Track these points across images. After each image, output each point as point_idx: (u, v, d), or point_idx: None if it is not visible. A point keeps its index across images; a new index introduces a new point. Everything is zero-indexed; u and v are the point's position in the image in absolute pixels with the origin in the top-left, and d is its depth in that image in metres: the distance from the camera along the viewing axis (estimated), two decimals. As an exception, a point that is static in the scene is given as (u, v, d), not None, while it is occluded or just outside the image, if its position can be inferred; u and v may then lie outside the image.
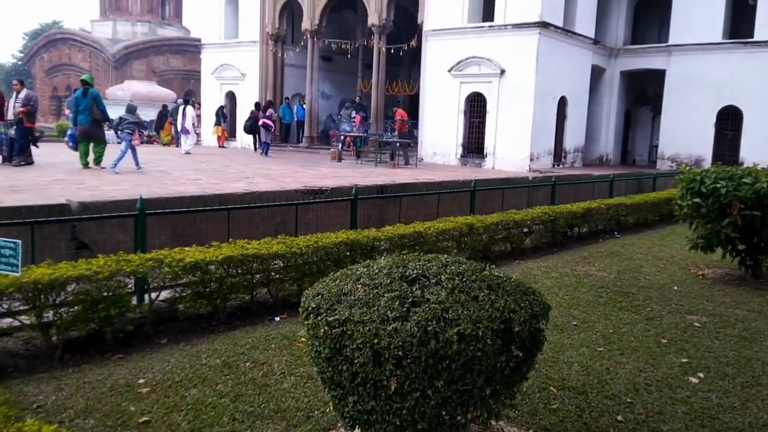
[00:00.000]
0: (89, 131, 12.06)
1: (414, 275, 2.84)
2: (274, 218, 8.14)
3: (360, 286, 2.84)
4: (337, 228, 8.22)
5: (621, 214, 11.04)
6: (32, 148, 12.41)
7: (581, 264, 7.94)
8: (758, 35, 17.93)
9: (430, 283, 2.77)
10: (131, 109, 13.52)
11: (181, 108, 18.80)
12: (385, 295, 2.70)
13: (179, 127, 18.77)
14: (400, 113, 18.97)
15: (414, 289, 2.72)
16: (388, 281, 2.80)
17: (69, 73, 35.72)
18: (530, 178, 14.19)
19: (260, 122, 19.26)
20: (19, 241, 3.59)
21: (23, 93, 12.02)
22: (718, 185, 7.07)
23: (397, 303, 2.63)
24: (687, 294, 6.60)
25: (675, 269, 7.92)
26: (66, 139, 15.43)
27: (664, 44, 19.90)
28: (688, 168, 7.96)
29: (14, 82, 12.72)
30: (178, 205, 6.94)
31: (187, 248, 5.23)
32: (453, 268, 2.90)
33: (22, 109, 11.79)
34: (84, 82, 12.24)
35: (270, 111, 19.98)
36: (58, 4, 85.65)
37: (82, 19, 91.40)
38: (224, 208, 6.49)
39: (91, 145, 12.28)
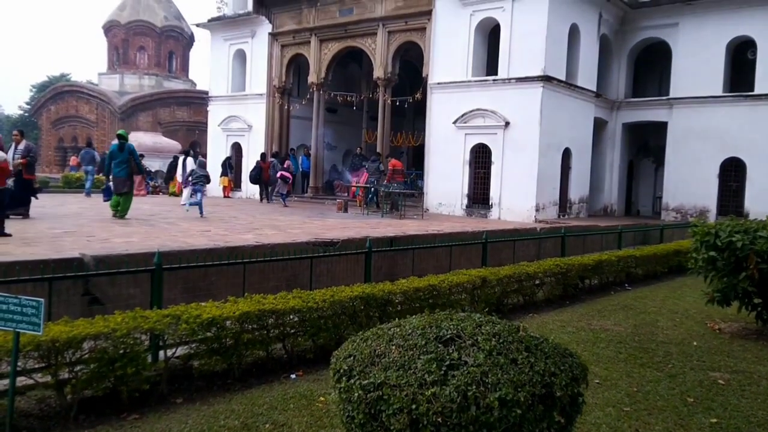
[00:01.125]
0: (123, 183, 12.49)
1: (449, 335, 2.78)
2: (285, 271, 8.09)
3: (394, 347, 2.78)
4: (348, 281, 8.16)
5: (631, 266, 10.98)
6: (33, 199, 12.16)
7: (596, 318, 7.85)
8: (758, 88, 18.21)
9: (466, 344, 2.71)
10: (202, 164, 15.69)
11: (181, 159, 18.85)
12: (421, 357, 2.63)
13: (180, 179, 18.73)
14: (393, 163, 19.19)
15: (450, 351, 2.66)
16: (423, 342, 2.74)
17: (75, 125, 36.17)
18: (538, 230, 14.18)
19: (278, 174, 19.55)
20: (42, 300, 3.54)
21: (22, 144, 11.89)
22: (733, 239, 7.04)
23: (434, 366, 2.56)
24: (707, 350, 6.49)
25: (691, 323, 7.81)
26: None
27: (665, 97, 20.20)
28: (701, 221, 7.97)
29: (14, 132, 12.48)
30: (190, 257, 6.89)
31: (203, 303, 5.17)
32: (488, 328, 2.85)
33: (21, 160, 11.63)
34: (120, 137, 12.81)
35: (288, 163, 20.31)
36: (66, 57, 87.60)
37: (89, 72, 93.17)
38: (240, 262, 6.44)
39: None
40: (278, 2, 22.32)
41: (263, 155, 21.27)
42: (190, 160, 18.58)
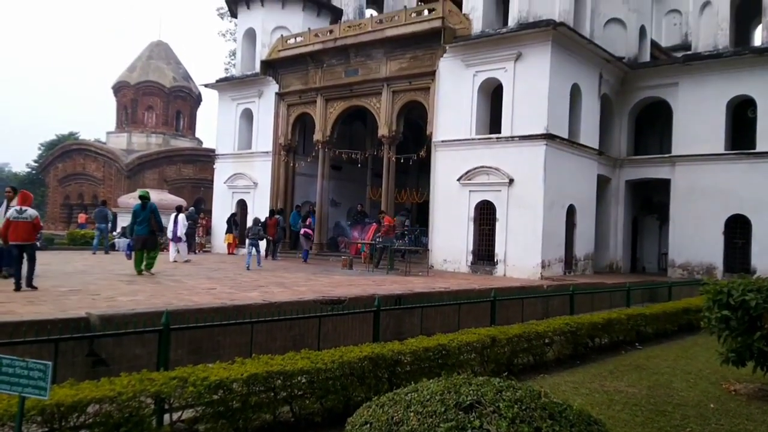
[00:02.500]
0: (146, 240, 13.12)
1: (469, 402, 2.70)
2: (292, 330, 7.98)
3: (412, 414, 2.70)
4: (356, 339, 8.04)
5: (641, 324, 10.82)
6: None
7: (609, 379, 7.68)
8: (760, 146, 18.38)
9: (488, 411, 2.63)
10: (257, 222, 17.88)
11: (173, 216, 18.88)
12: (441, 425, 2.55)
13: (170, 235, 18.69)
14: (387, 219, 19.28)
15: (471, 419, 2.58)
16: (443, 409, 2.66)
17: (82, 182, 36.50)
18: (545, 287, 14.07)
19: (301, 231, 19.96)
20: (49, 364, 3.47)
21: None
22: (746, 297, 6.95)
23: (455, 435, 2.48)
24: (725, 412, 6.32)
25: (706, 384, 7.63)
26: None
27: (667, 155, 20.38)
28: (712, 279, 7.89)
29: (6, 189, 11.76)
30: (196, 316, 6.82)
31: (210, 365, 5.08)
32: (509, 393, 2.77)
33: None
34: (142, 197, 13.57)
35: (309, 220, 20.55)
36: (76, 117, 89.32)
37: (98, 131, 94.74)
38: (247, 322, 6.36)
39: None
40: (286, 64, 22.87)
41: (272, 211, 21.42)
42: (181, 217, 18.60)
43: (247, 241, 17.48)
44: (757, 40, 22.59)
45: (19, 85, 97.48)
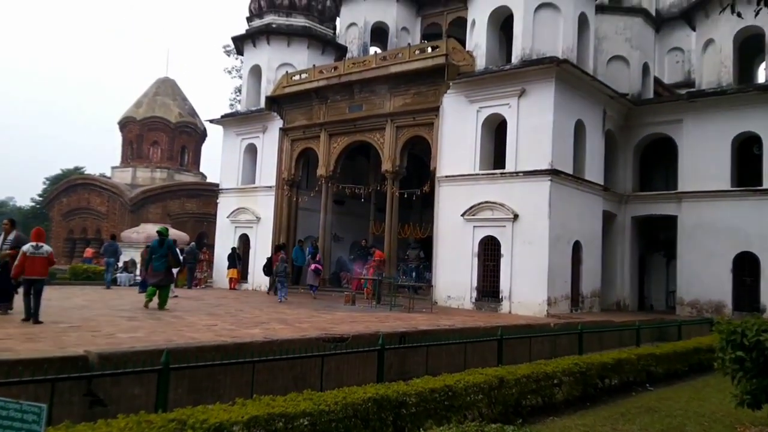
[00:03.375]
0: (162, 275, 13.39)
1: (482, 453, 2.55)
2: (294, 369, 7.80)
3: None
4: (359, 378, 7.85)
5: (651, 364, 10.58)
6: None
7: (620, 422, 7.44)
8: (766, 183, 18.28)
9: (503, 463, 2.48)
10: (284, 260, 18.75)
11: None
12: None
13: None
14: (378, 254, 19.18)
15: (486, 471, 2.42)
16: (455, 460, 2.51)
17: (86, 217, 36.53)
18: (552, 325, 13.84)
19: (311, 267, 19.94)
20: (44, 406, 3.33)
21: (12, 234, 11.24)
22: (761, 338, 6.76)
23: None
24: (743, 458, 6.08)
25: (720, 428, 7.40)
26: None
27: (673, 191, 20.28)
28: (724, 319, 7.72)
29: (4, 221, 11.83)
30: (197, 355, 6.67)
31: (210, 406, 4.91)
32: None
33: (9, 251, 10.95)
34: (160, 234, 13.93)
35: (319, 256, 20.54)
36: (81, 152, 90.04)
37: (103, 166, 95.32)
38: (248, 361, 6.20)
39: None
40: (290, 100, 23.05)
41: (278, 246, 21.36)
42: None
43: (277, 278, 18.74)
44: (761, 77, 22.76)
45: (26, 119, 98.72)
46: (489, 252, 17.96)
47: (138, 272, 23.97)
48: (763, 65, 21.03)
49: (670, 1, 29.55)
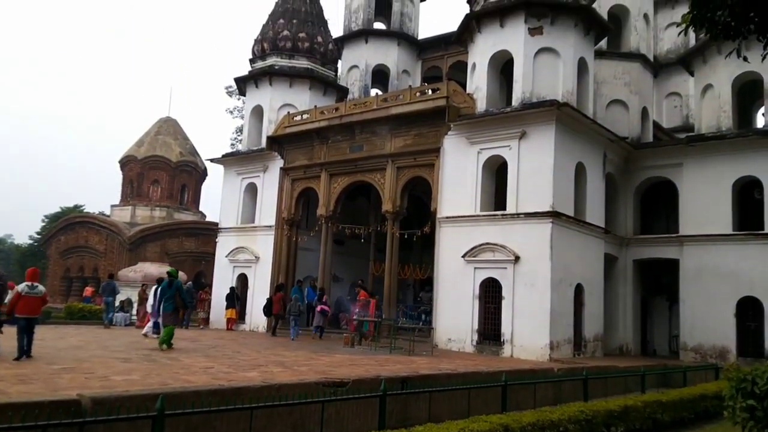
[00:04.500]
0: (170, 316, 13.77)
1: None
2: (293, 414, 7.56)
3: None
4: (359, 425, 7.62)
5: (657, 412, 10.33)
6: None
7: (630, 472, 7.19)
8: (768, 227, 18.24)
9: None
10: (297, 299, 19.59)
11: (153, 288, 18.54)
12: None
13: (149, 309, 18.30)
14: (363, 294, 19.03)
15: None
16: None
17: (83, 255, 36.32)
18: (555, 370, 13.56)
19: (318, 308, 19.78)
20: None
21: None
22: (773, 386, 6.59)
23: None
24: None
25: (734, 480, 7.14)
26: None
27: (674, 235, 20.18)
28: (733, 366, 7.55)
29: None
30: (193, 399, 6.45)
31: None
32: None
33: None
34: (170, 275, 14.20)
35: (326, 297, 20.33)
36: (81, 190, 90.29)
37: (103, 204, 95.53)
38: (246, 408, 5.99)
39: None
40: (291, 139, 23.16)
41: (279, 286, 21.17)
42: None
43: (290, 317, 19.27)
44: (760, 121, 22.92)
45: (26, 158, 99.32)
46: (490, 294, 17.76)
47: (134, 312, 23.69)
48: (762, 110, 21.18)
49: (667, 47, 30.07)
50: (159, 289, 14.55)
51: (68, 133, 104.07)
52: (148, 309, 18.40)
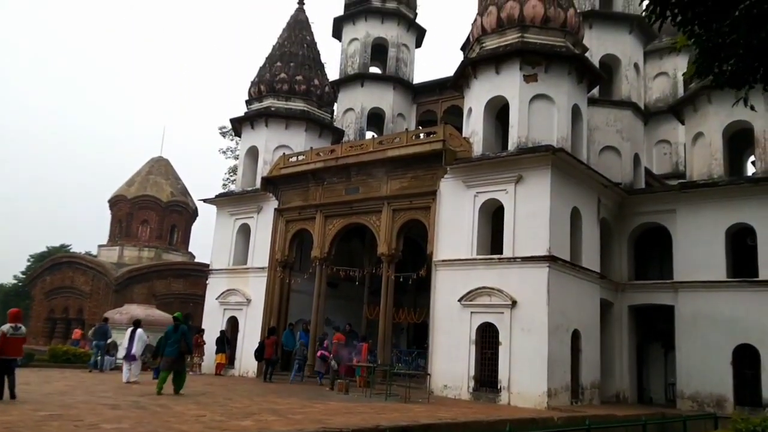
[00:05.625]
0: (174, 362, 13.67)
1: None
2: (293, 467, 7.23)
3: None
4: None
5: (665, 463, 10.06)
6: None
7: None
8: (762, 274, 18.18)
9: None
10: (304, 344, 20.06)
11: (129, 331, 18.16)
12: None
13: (123, 353, 17.90)
14: (337, 337, 18.81)
15: None
16: None
17: (68, 296, 35.65)
18: (555, 419, 13.27)
19: (318, 353, 19.59)
20: None
21: None
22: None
23: None
24: None
25: None
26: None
27: (669, 281, 20.10)
28: (743, 416, 7.38)
29: None
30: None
31: None
32: None
33: None
34: (176, 319, 14.30)
35: (326, 343, 20.01)
36: (68, 229, 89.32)
37: (90, 244, 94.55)
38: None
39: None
40: (286, 181, 23.09)
41: (272, 329, 20.79)
42: (139, 333, 17.87)
43: (295, 361, 19.70)
44: (751, 168, 23.18)
45: (12, 196, 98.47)
46: (487, 339, 17.47)
47: (120, 355, 23.08)
48: (752, 158, 21.43)
49: (656, 96, 30.63)
50: (165, 333, 14.54)
51: (56, 171, 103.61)
52: (121, 353, 18.03)
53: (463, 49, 28.08)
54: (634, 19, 23.59)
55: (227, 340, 22.78)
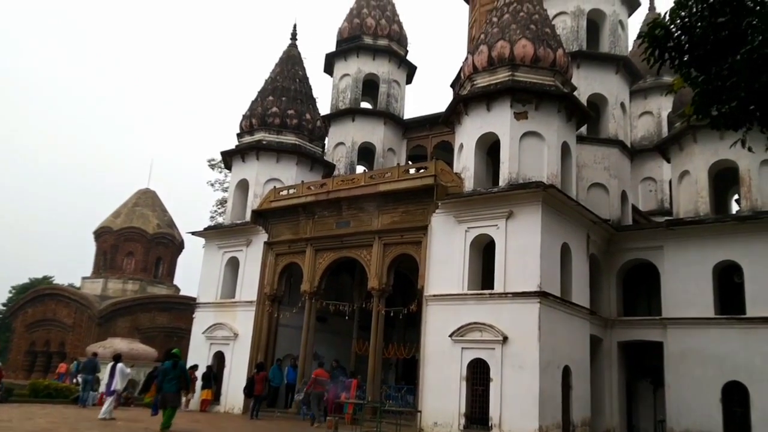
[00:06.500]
0: (171, 398, 13.88)
1: None
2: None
3: None
4: None
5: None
6: None
7: None
8: (750, 312, 18.33)
9: None
10: (319, 382, 18.71)
11: (109, 366, 17.94)
12: None
13: (104, 389, 17.67)
14: (317, 372, 18.83)
15: None
16: None
17: (50, 329, 35.00)
18: (550, 456, 13.12)
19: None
20: None
21: None
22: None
23: None
24: None
25: None
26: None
27: (657, 317, 20.17)
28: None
29: None
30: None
31: None
32: None
33: None
34: (174, 356, 14.50)
35: (342, 380, 19.97)
36: (51, 261, 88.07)
37: (74, 276, 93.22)
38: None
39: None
40: (277, 214, 23.05)
41: (260, 365, 20.48)
42: (119, 368, 17.66)
43: (302, 400, 19.37)
44: (735, 206, 23.53)
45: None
46: (478, 376, 17.36)
47: (102, 390, 22.61)
48: (736, 196, 21.78)
49: (641, 134, 31.21)
50: (162, 369, 14.49)
51: (40, 202, 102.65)
52: (102, 389, 17.76)
53: (452, 86, 28.57)
54: (620, 59, 24.17)
55: (213, 376, 22.39)
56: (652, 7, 33.01)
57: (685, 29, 5.96)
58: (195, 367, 22.48)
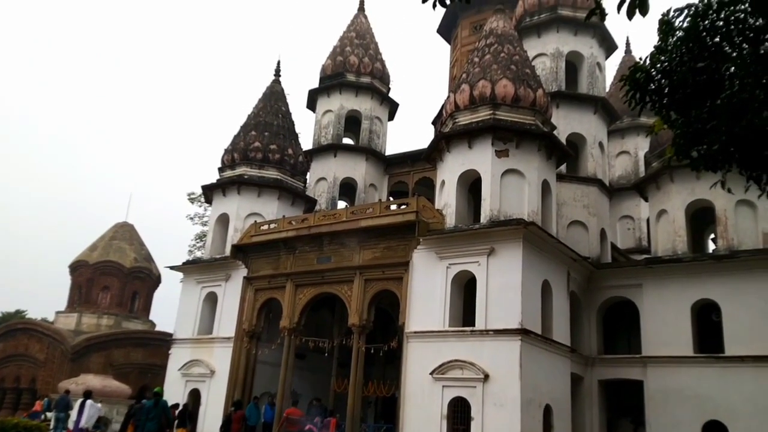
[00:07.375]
0: None
1: None
2: None
3: None
4: None
5: None
6: None
7: None
8: (728, 350, 18.43)
9: None
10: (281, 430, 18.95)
11: (78, 402, 17.61)
12: None
13: (72, 426, 17.32)
14: (288, 411, 18.77)
15: None
16: None
17: (21, 364, 33.92)
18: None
19: (306, 427, 19.20)
20: None
21: None
22: None
23: None
24: None
25: None
26: None
27: (637, 356, 20.17)
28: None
29: None
30: None
31: None
32: None
33: None
34: (156, 394, 15.07)
35: (317, 419, 19.66)
36: (24, 295, 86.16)
37: (47, 310, 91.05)
38: None
39: None
40: (257, 249, 22.86)
41: (237, 403, 20.04)
42: (89, 404, 17.35)
43: None
44: (712, 245, 23.84)
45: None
46: (459, 414, 17.16)
47: (70, 427, 21.98)
48: (712, 235, 22.10)
49: (619, 174, 31.69)
50: (145, 408, 14.77)
51: (15, 236, 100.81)
52: (70, 425, 17.35)
53: (434, 123, 28.92)
54: (598, 100, 24.69)
55: (189, 415, 21.82)
56: (628, 50, 33.86)
57: (665, 73, 6.11)
58: (176, 406, 21.90)
